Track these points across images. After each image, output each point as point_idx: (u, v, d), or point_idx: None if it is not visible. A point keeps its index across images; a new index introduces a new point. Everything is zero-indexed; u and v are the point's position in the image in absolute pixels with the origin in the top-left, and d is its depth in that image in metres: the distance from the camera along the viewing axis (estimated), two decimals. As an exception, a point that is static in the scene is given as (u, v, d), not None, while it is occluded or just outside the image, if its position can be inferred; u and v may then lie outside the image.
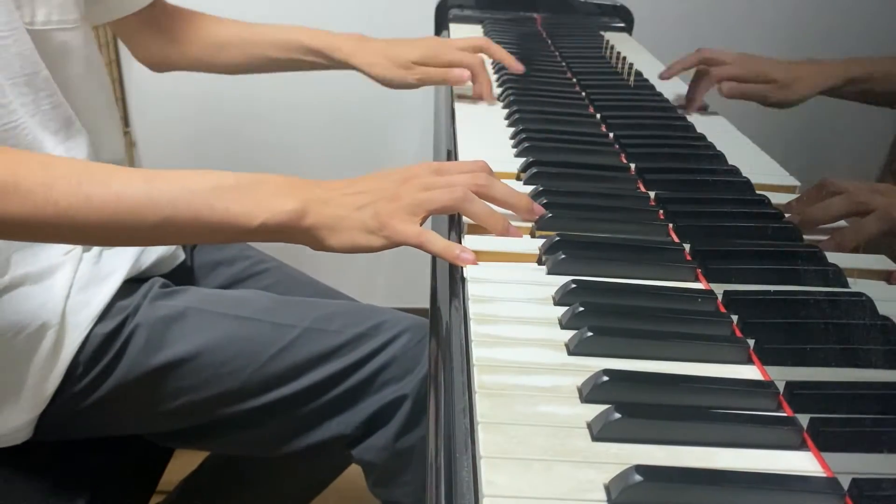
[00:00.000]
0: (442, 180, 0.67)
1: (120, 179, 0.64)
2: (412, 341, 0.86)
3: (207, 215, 0.64)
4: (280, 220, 0.65)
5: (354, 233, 0.66)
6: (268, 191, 0.66)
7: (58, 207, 0.62)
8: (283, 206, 0.65)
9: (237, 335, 0.85)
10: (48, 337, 0.79)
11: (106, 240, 0.68)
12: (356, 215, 0.66)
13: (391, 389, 0.84)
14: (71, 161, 0.64)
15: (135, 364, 0.83)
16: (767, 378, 0.52)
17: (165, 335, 0.84)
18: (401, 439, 0.83)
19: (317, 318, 0.87)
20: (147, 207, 0.64)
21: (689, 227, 0.71)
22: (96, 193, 0.63)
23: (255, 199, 0.65)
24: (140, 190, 0.64)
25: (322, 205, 0.66)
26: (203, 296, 0.89)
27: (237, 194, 0.65)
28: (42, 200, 0.62)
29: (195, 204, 0.64)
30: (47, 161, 0.65)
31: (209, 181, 0.65)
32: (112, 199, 0.63)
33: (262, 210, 0.65)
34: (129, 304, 0.84)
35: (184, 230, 0.66)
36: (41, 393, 0.80)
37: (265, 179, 0.67)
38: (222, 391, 0.84)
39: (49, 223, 0.63)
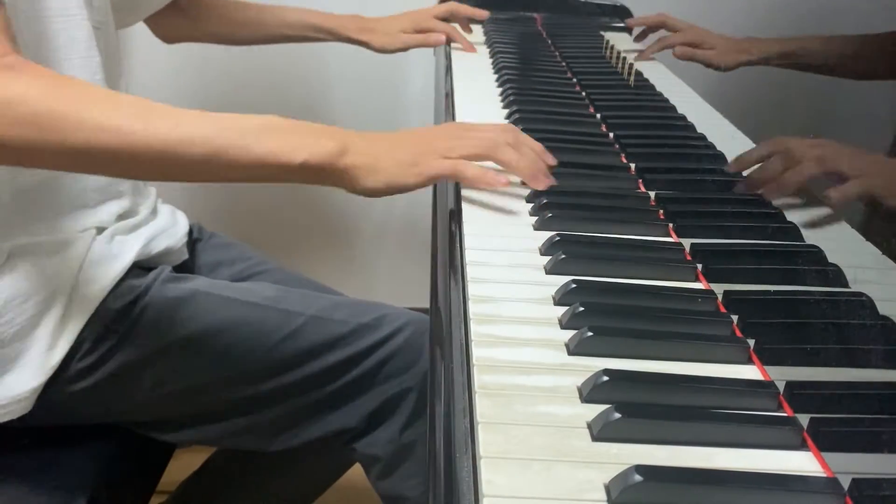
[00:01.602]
0: (474, 132, 0.75)
1: (177, 113, 0.68)
2: (415, 335, 0.87)
3: (256, 149, 0.68)
4: (320, 159, 0.69)
5: (390, 171, 0.70)
6: (310, 132, 0.70)
7: (119, 133, 0.65)
8: (323, 145, 0.69)
9: (245, 319, 0.87)
10: (57, 306, 0.81)
11: (159, 171, 0.70)
12: (392, 155, 0.70)
13: (395, 382, 0.85)
14: (132, 96, 0.69)
15: (142, 343, 0.84)
16: (767, 378, 0.52)
17: (174, 316, 0.85)
18: (406, 432, 0.84)
19: (322, 308, 0.89)
20: (199, 138, 0.67)
21: (689, 227, 0.71)
22: (155, 123, 0.67)
23: (298, 139, 0.69)
24: (195, 122, 0.68)
25: (360, 147, 0.70)
26: (212, 283, 0.92)
27: (282, 133, 0.69)
28: (105, 123, 0.65)
29: (244, 139, 0.68)
30: (111, 94, 0.70)
31: (259, 120, 0.70)
32: (169, 129, 0.67)
33: (304, 149, 0.68)
34: (141, 283, 0.86)
35: (231, 164, 0.68)
36: (46, 362, 0.80)
37: (308, 124, 0.71)
38: (228, 375, 0.85)
39: (108, 148, 0.65)
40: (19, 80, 0.65)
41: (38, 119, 0.64)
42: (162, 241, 0.94)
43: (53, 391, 0.82)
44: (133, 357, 0.84)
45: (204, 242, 1.07)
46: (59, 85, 0.67)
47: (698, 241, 0.68)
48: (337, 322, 0.88)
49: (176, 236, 0.97)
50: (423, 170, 0.70)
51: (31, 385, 0.80)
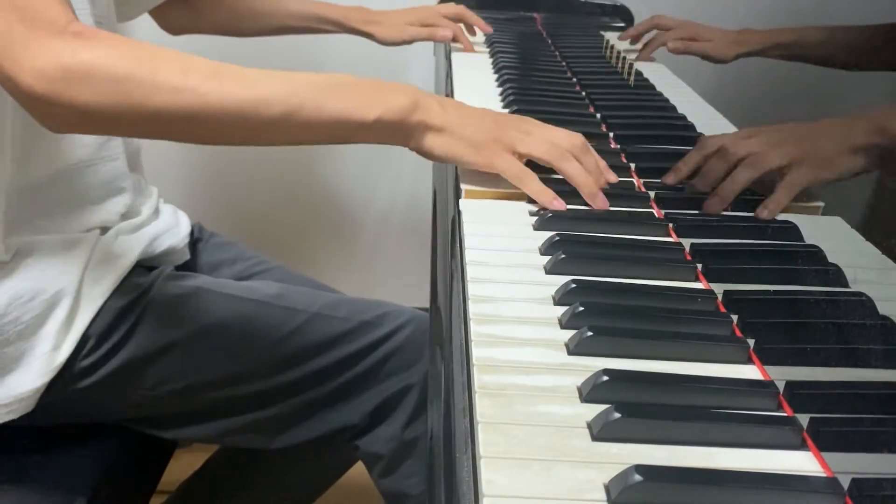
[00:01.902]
0: (546, 132, 0.74)
1: (250, 73, 0.68)
2: (416, 332, 0.88)
3: (331, 106, 0.68)
4: (394, 115, 0.69)
5: (458, 141, 0.71)
6: (385, 89, 0.71)
7: (196, 93, 0.65)
8: (397, 100, 0.70)
9: (247, 316, 0.87)
10: (63, 304, 0.81)
11: (236, 132, 0.70)
12: (462, 127, 0.71)
13: (397, 379, 0.86)
14: (202, 58, 0.69)
15: (146, 340, 0.84)
16: (767, 378, 0.52)
17: (177, 313, 0.86)
18: (408, 429, 0.85)
19: (324, 305, 0.89)
20: (275, 98, 0.67)
21: (689, 227, 0.71)
22: (230, 82, 0.67)
23: (373, 95, 0.70)
24: (269, 81, 0.68)
25: (433, 108, 0.71)
26: (214, 280, 0.92)
27: (356, 90, 0.70)
28: (181, 85, 0.65)
29: (319, 94, 0.68)
30: (183, 56, 0.69)
31: (332, 78, 0.70)
32: (244, 88, 0.67)
33: (379, 104, 0.69)
34: (144, 281, 0.87)
35: (306, 122, 0.68)
36: (51, 361, 0.81)
37: (382, 82, 0.72)
38: (230, 371, 0.86)
39: (185, 110, 0.66)
40: (92, 46, 0.63)
41: (116, 84, 0.63)
42: (165, 240, 0.94)
43: (56, 390, 0.82)
44: (136, 354, 0.84)
45: (205, 242, 1.08)
46: (132, 49, 0.66)
47: (698, 241, 0.68)
48: (339, 319, 0.88)
49: (178, 236, 0.97)
50: (490, 156, 0.71)
51: (36, 384, 0.80)
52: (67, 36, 0.63)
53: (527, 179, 0.71)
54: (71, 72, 0.62)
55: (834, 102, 1.68)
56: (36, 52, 0.62)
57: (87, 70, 0.63)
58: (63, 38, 0.63)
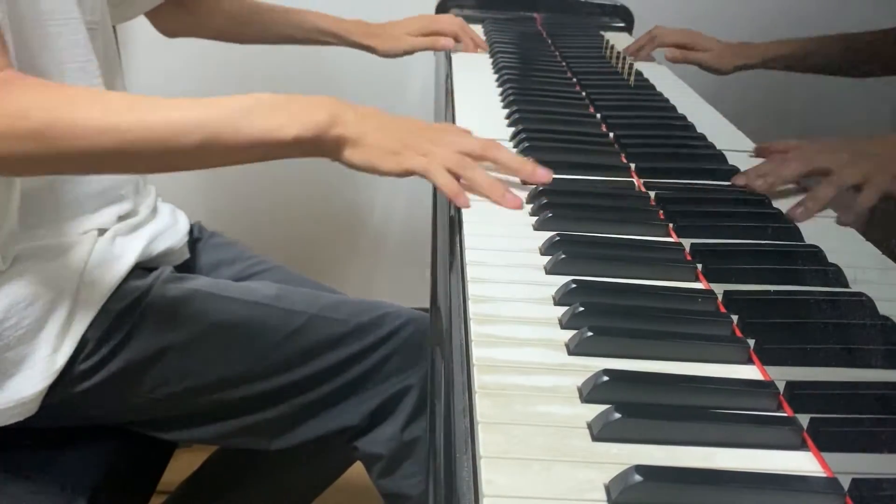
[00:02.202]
0: (456, 143, 0.74)
1: (166, 104, 0.70)
2: (416, 333, 0.88)
3: (247, 130, 0.69)
4: (312, 131, 0.70)
5: (373, 150, 0.72)
6: (301, 105, 0.71)
7: (118, 131, 0.67)
8: (314, 117, 0.70)
9: (246, 318, 0.87)
10: (61, 309, 0.81)
11: (161, 163, 0.73)
12: (379, 136, 0.72)
13: (396, 380, 0.86)
14: (119, 92, 0.71)
15: (144, 343, 0.84)
16: (767, 378, 0.52)
17: (176, 316, 0.85)
18: (407, 429, 0.85)
19: (324, 307, 0.89)
20: (193, 126, 0.68)
21: (689, 227, 0.71)
22: (149, 116, 0.69)
23: (288, 114, 0.70)
24: (185, 111, 0.69)
25: (349, 120, 0.72)
26: (213, 282, 0.92)
27: (273, 110, 0.70)
28: (103, 125, 0.67)
29: (235, 120, 0.69)
30: (102, 94, 0.71)
31: (247, 100, 0.71)
32: (161, 121, 0.68)
33: (295, 123, 0.70)
34: (142, 285, 0.86)
35: (225, 147, 0.70)
36: (51, 365, 0.81)
37: (300, 97, 0.72)
38: (229, 374, 0.86)
39: (110, 149, 0.68)
40: (16, 94, 0.66)
41: (39, 132, 0.66)
42: (163, 241, 0.94)
43: (57, 393, 0.82)
44: (135, 357, 0.84)
45: (204, 242, 1.07)
46: (53, 95, 0.69)
47: (698, 241, 0.68)
48: (338, 321, 0.88)
49: (177, 236, 0.97)
50: (402, 161, 0.72)
51: (37, 388, 0.80)
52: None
53: (435, 175, 0.72)
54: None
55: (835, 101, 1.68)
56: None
57: (9, 118, 0.65)
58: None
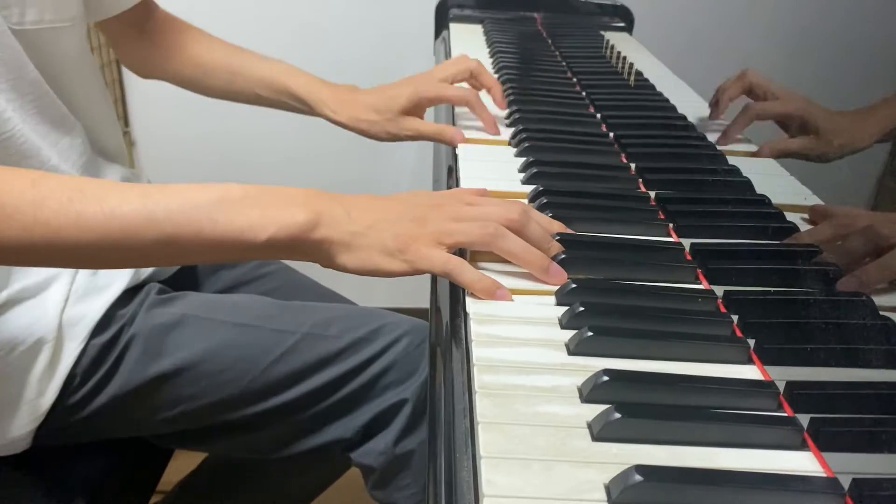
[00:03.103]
0: (474, 211, 0.63)
1: (114, 195, 0.58)
2: (412, 345, 0.85)
3: (210, 230, 0.58)
4: (290, 232, 0.59)
5: (372, 253, 0.61)
6: (277, 201, 0.60)
7: (48, 228, 0.57)
8: (293, 217, 0.59)
9: (235, 342, 0.84)
10: (44, 351, 0.78)
11: (101, 262, 0.62)
12: (375, 235, 0.61)
13: (391, 393, 0.84)
14: (61, 178, 0.59)
15: (132, 374, 0.82)
16: (767, 378, 0.52)
17: (162, 344, 0.82)
18: (400, 443, 0.83)
19: (315, 324, 0.86)
20: (144, 224, 0.58)
21: (689, 227, 0.71)
22: (89, 211, 0.57)
23: (262, 211, 0.59)
24: (135, 206, 0.58)
25: (337, 219, 0.61)
26: (200, 302, 0.87)
27: (243, 206, 0.59)
28: (31, 220, 0.57)
29: (196, 218, 0.58)
30: (36, 178, 0.59)
31: (212, 193, 0.59)
32: (105, 217, 0.57)
33: (271, 222, 0.59)
34: (126, 312, 0.83)
35: (185, 249, 0.59)
36: (39, 407, 0.79)
37: (275, 190, 0.61)
38: (221, 398, 0.83)
39: (40, 245, 0.57)
40: None
41: None
42: None
43: (48, 426, 0.81)
44: (123, 389, 0.82)
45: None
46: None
47: (698, 241, 0.68)
48: (331, 338, 0.85)
49: None
50: (412, 259, 0.60)
51: (26, 429, 0.80)
52: None
53: (458, 272, 0.59)
54: None
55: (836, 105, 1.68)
56: None
57: None
58: None
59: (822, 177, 0.95)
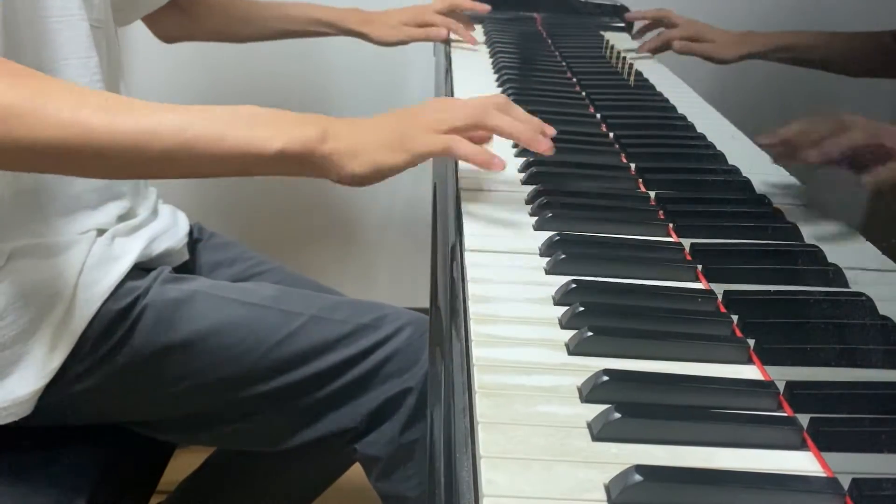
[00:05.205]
0: (459, 102, 0.71)
1: (144, 106, 0.66)
2: (415, 335, 0.87)
3: (229, 138, 0.65)
4: (299, 146, 0.65)
5: (376, 153, 0.67)
6: (288, 119, 0.67)
7: (84, 127, 0.63)
8: (302, 132, 0.66)
9: (245, 319, 0.86)
10: (58, 308, 0.80)
11: (129, 167, 0.68)
12: (376, 136, 0.68)
13: (395, 382, 0.85)
14: (98, 91, 0.67)
15: (142, 344, 0.84)
16: (767, 378, 0.52)
17: (174, 316, 0.85)
18: (406, 432, 0.84)
19: (322, 308, 0.89)
20: (167, 130, 0.64)
21: (689, 227, 0.71)
22: (121, 116, 0.64)
23: (274, 126, 0.66)
24: (164, 115, 0.65)
25: (342, 132, 0.67)
26: (211, 283, 0.91)
27: (256, 121, 0.66)
28: (69, 119, 0.63)
29: (217, 127, 0.65)
30: (73, 87, 0.66)
31: (232, 109, 0.67)
32: (136, 122, 0.64)
33: (282, 135, 0.65)
34: (140, 285, 0.86)
35: (203, 156, 0.65)
36: (47, 365, 0.80)
37: (286, 112, 0.68)
38: (228, 375, 0.85)
39: (73, 145, 0.63)
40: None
41: (3, 115, 0.62)
42: (163, 242, 0.94)
43: (53, 392, 0.82)
44: (133, 359, 0.84)
45: (204, 242, 1.07)
46: (22, 80, 0.64)
47: (698, 241, 0.68)
48: (337, 322, 0.87)
49: (177, 237, 0.97)
50: (411, 147, 0.67)
51: (33, 388, 0.80)
52: None
53: (455, 146, 0.67)
54: None
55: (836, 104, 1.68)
56: None
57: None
58: None
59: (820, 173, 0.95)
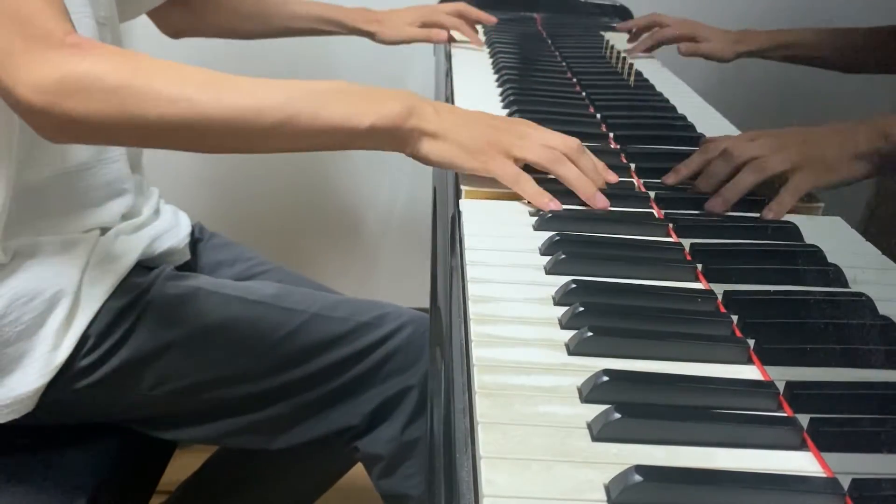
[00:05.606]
0: (540, 135, 0.74)
1: (245, 82, 0.69)
2: (416, 333, 0.88)
3: (325, 114, 0.69)
4: (388, 121, 0.70)
5: (454, 147, 0.71)
6: (379, 95, 0.71)
7: (190, 103, 0.66)
8: (391, 108, 0.70)
9: (248, 316, 0.87)
10: (62, 304, 0.81)
11: (232, 140, 0.71)
12: (457, 133, 0.71)
13: (397, 380, 0.86)
14: (199, 67, 0.69)
15: (145, 340, 0.84)
16: (767, 378, 0.52)
17: (177, 313, 0.86)
18: (407, 430, 0.85)
19: (324, 306, 0.89)
20: (270, 106, 0.68)
21: (689, 227, 0.71)
22: (225, 91, 0.68)
23: (367, 103, 0.70)
24: (265, 90, 0.69)
25: (427, 113, 0.71)
26: (214, 280, 0.92)
27: (350, 97, 0.70)
28: (177, 94, 0.66)
29: (314, 103, 0.69)
30: (178, 65, 0.70)
31: (326, 85, 0.71)
32: (239, 98, 0.68)
33: (372, 111, 0.69)
34: (143, 282, 0.87)
35: (302, 132, 0.69)
36: (50, 362, 0.81)
37: (379, 88, 0.72)
38: (229, 372, 0.86)
39: (176, 121, 0.66)
40: (89, 57, 0.65)
41: (111, 95, 0.65)
42: (165, 241, 0.94)
43: (56, 389, 0.82)
44: (135, 354, 0.84)
45: (205, 242, 1.08)
46: (128, 59, 0.67)
47: (698, 241, 0.68)
48: (338, 320, 0.88)
49: (178, 236, 0.97)
50: (486, 161, 0.72)
51: (35, 385, 0.80)
52: (65, 48, 0.65)
53: (522, 182, 0.72)
54: (67, 83, 0.64)
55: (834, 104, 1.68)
56: (33, 65, 0.64)
57: (82, 81, 0.64)
58: (60, 50, 0.64)
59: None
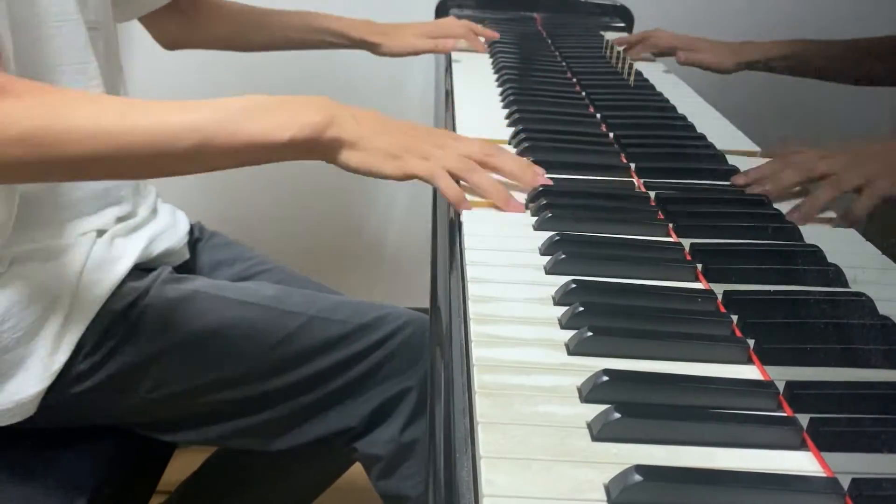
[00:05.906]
0: (457, 144, 0.74)
1: (160, 108, 0.69)
2: (416, 334, 0.88)
3: (242, 132, 0.68)
4: (307, 133, 0.69)
5: (372, 155, 0.71)
6: (296, 106, 0.70)
7: (109, 136, 0.66)
8: (310, 119, 0.69)
9: (245, 319, 0.87)
10: (59, 310, 0.81)
11: (153, 168, 0.72)
12: (377, 140, 0.71)
13: (395, 381, 0.86)
14: (112, 97, 0.70)
15: (143, 344, 0.84)
16: (767, 378, 0.52)
17: (175, 316, 0.85)
18: (406, 431, 0.85)
19: (323, 308, 0.89)
20: (185, 130, 0.67)
21: (689, 227, 0.71)
22: (141, 121, 0.67)
23: (285, 115, 0.69)
24: (179, 115, 0.68)
25: (347, 122, 0.70)
26: (212, 283, 0.92)
27: (268, 112, 0.69)
28: (94, 129, 0.66)
29: (230, 122, 0.68)
30: (93, 97, 0.70)
31: (241, 101, 0.69)
32: (154, 125, 0.67)
33: (291, 125, 0.68)
34: (141, 285, 0.87)
35: (218, 151, 0.68)
36: (50, 366, 0.81)
37: (294, 98, 0.71)
38: (228, 375, 0.86)
39: (101, 154, 0.66)
40: (7, 100, 0.65)
41: (29, 138, 0.65)
42: (162, 241, 0.94)
43: (55, 394, 0.82)
44: (134, 358, 0.84)
45: (204, 242, 1.07)
46: (45, 100, 0.67)
47: (698, 241, 0.68)
48: (337, 322, 0.88)
49: (176, 236, 0.97)
50: (403, 165, 0.71)
51: (35, 390, 0.80)
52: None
53: (439, 179, 0.71)
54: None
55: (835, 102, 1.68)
56: None
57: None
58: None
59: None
